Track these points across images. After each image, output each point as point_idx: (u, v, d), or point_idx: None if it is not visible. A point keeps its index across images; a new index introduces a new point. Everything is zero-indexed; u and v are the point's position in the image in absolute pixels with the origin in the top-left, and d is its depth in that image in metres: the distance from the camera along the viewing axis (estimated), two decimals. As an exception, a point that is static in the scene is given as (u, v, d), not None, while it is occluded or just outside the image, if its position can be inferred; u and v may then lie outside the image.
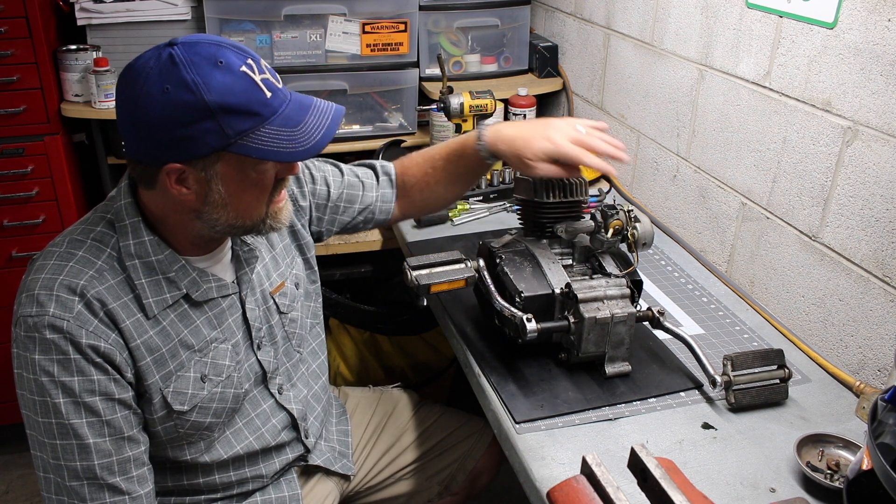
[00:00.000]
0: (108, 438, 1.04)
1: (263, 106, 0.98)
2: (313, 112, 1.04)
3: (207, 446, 1.20)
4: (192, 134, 0.95)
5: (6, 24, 1.90)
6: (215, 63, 0.95)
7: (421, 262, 1.27)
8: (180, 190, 1.01)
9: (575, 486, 0.82)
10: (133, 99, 0.96)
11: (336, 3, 2.19)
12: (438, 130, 2.14)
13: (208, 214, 1.05)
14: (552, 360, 1.31)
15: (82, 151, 2.22)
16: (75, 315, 1.01)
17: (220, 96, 0.94)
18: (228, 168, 1.01)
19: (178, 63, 0.94)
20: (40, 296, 1.01)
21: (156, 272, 1.08)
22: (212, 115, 0.95)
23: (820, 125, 1.34)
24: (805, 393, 1.27)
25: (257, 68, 0.99)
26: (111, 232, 1.08)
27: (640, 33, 1.89)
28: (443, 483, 1.60)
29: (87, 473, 1.03)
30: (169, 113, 0.94)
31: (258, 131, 0.98)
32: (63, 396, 1.01)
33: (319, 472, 1.43)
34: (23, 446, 2.68)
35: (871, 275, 1.26)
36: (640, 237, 1.29)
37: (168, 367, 1.10)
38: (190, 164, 0.99)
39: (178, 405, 1.11)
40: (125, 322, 1.05)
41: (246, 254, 1.21)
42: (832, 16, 1.28)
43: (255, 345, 1.23)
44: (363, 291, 2.32)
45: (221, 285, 1.16)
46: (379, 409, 1.62)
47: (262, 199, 1.07)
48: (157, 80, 0.94)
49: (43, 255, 1.07)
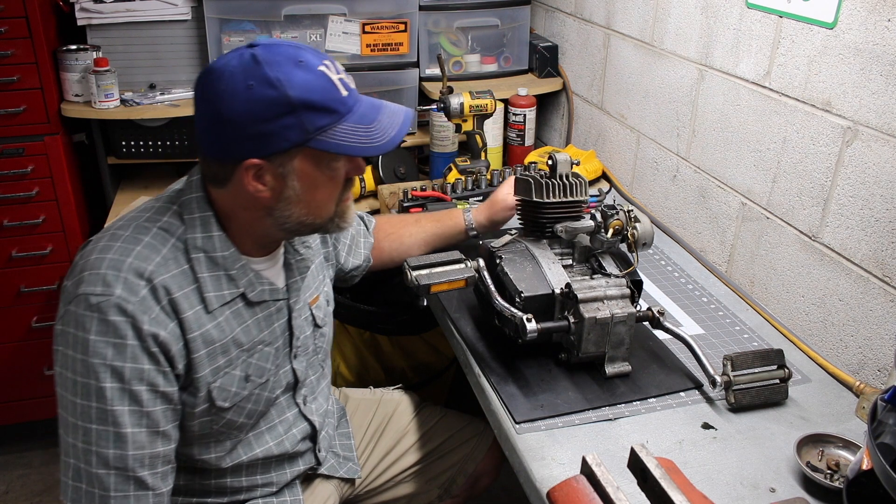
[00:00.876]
0: (144, 430, 1.03)
1: (340, 104, 1.02)
2: (385, 111, 1.08)
3: (232, 446, 1.21)
4: (274, 129, 0.99)
5: (6, 24, 1.90)
6: (296, 62, 1.00)
7: (421, 262, 1.27)
8: (256, 186, 1.03)
9: (575, 486, 0.82)
10: (216, 95, 1.00)
11: (336, 3, 2.19)
12: (438, 130, 2.14)
13: (280, 211, 1.07)
14: (552, 360, 1.31)
15: (82, 151, 2.22)
16: (140, 299, 1.01)
17: (302, 93, 0.98)
18: (305, 164, 1.04)
19: (261, 62, 0.98)
20: (108, 276, 1.00)
21: (219, 268, 1.09)
22: (293, 111, 0.98)
23: (820, 125, 1.34)
24: (805, 393, 1.27)
25: (334, 68, 1.04)
26: (178, 223, 1.09)
27: (640, 33, 1.89)
28: (443, 486, 1.59)
29: (118, 463, 1.02)
30: (252, 108, 0.98)
31: (335, 128, 1.02)
32: (111, 381, 1.00)
33: (319, 476, 1.43)
34: (23, 446, 2.69)
35: (871, 275, 1.26)
36: (640, 237, 1.29)
37: (218, 363, 1.11)
38: (268, 159, 1.01)
39: (221, 401, 1.12)
40: (186, 313, 1.05)
41: (298, 262, 1.23)
42: (832, 16, 1.28)
43: (293, 353, 1.24)
44: (363, 291, 2.32)
45: (274, 289, 1.18)
46: (379, 412, 1.62)
47: (334, 197, 1.11)
48: (241, 78, 0.98)
49: (106, 237, 1.06)
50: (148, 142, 2.12)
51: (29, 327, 2.19)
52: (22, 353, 2.22)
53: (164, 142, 2.13)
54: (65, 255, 2.14)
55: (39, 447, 2.41)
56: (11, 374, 2.23)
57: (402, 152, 2.18)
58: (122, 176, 2.33)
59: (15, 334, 2.20)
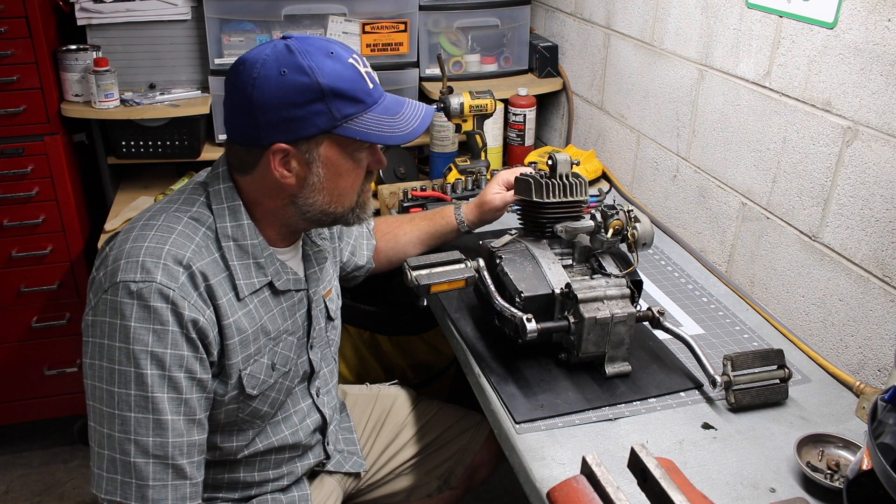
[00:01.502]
0: (182, 417, 1.04)
1: (367, 94, 1.08)
2: (408, 106, 1.14)
3: (254, 435, 1.22)
4: (304, 114, 1.03)
5: (6, 24, 1.90)
6: (328, 53, 1.05)
7: (421, 262, 1.28)
8: (282, 172, 1.07)
9: (575, 486, 0.82)
10: (249, 82, 1.03)
11: (336, 3, 2.19)
12: (438, 130, 2.14)
13: (304, 199, 1.11)
14: (552, 360, 1.31)
15: (82, 151, 2.22)
16: (180, 286, 1.02)
17: (332, 81, 1.03)
18: (330, 151, 1.08)
19: (295, 51, 1.04)
20: (146, 262, 1.02)
21: (248, 256, 1.12)
22: (323, 98, 1.03)
23: (820, 125, 1.34)
24: (805, 393, 1.27)
25: (361, 62, 1.09)
26: (208, 213, 1.11)
27: (640, 33, 1.89)
28: (442, 477, 1.61)
29: (158, 451, 1.02)
30: (284, 93, 1.02)
31: (361, 116, 1.07)
32: (152, 367, 1.01)
33: (324, 472, 1.44)
34: (23, 446, 2.69)
35: (871, 275, 1.26)
36: (640, 237, 1.29)
37: (249, 350, 1.13)
38: (295, 145, 1.06)
39: (251, 388, 1.14)
40: (221, 299, 1.08)
41: (316, 254, 1.27)
42: (832, 16, 1.28)
43: (310, 343, 1.27)
44: (363, 291, 2.32)
45: (297, 279, 1.21)
46: (377, 407, 1.63)
47: (356, 188, 1.15)
48: (275, 65, 1.03)
49: (139, 227, 1.08)
50: (148, 142, 2.12)
51: (29, 327, 2.19)
52: (22, 353, 2.22)
53: (164, 142, 2.13)
54: (65, 255, 2.14)
55: (39, 447, 2.41)
56: (11, 374, 2.23)
57: (402, 152, 2.18)
58: (122, 176, 2.33)
59: (15, 334, 2.20)
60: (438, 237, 1.59)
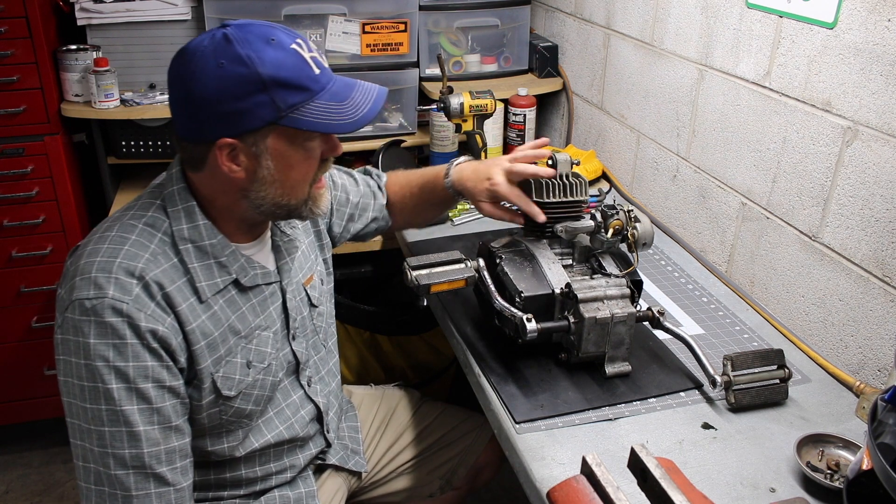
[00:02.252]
0: (156, 427, 1.04)
1: (313, 81, 1.02)
2: (358, 89, 1.08)
3: (244, 436, 1.21)
4: (246, 107, 0.99)
5: (6, 24, 1.90)
6: (267, 40, 1.00)
7: (421, 262, 1.28)
8: (231, 167, 1.04)
9: (575, 486, 0.82)
10: (188, 75, 0.99)
11: (336, 3, 2.19)
12: (438, 130, 2.14)
13: (256, 192, 1.07)
14: (552, 360, 1.31)
15: (82, 151, 2.22)
16: (134, 298, 1.01)
17: (273, 70, 0.98)
18: (278, 143, 1.04)
19: (233, 40, 0.99)
20: (98, 278, 1.01)
21: (208, 256, 1.10)
22: (265, 88, 0.98)
23: (820, 125, 1.34)
24: (805, 393, 1.27)
25: (306, 47, 1.04)
26: (163, 217, 1.09)
27: (640, 33, 1.89)
28: (444, 477, 1.61)
29: (135, 462, 1.02)
30: (223, 86, 0.98)
31: (308, 105, 1.02)
32: (116, 381, 1.00)
33: (330, 468, 1.44)
34: (23, 446, 2.69)
35: (871, 275, 1.26)
36: (640, 237, 1.29)
37: (219, 352, 1.11)
38: (241, 138, 1.02)
39: (227, 390, 1.13)
40: (181, 306, 1.06)
41: (286, 244, 1.24)
42: (832, 16, 1.28)
43: (291, 335, 1.25)
44: (363, 291, 2.32)
45: (266, 272, 1.18)
46: (382, 407, 1.64)
47: (308, 178, 1.11)
48: (212, 56, 0.98)
49: (93, 241, 1.07)
50: (148, 142, 2.12)
51: (29, 327, 2.19)
52: (22, 353, 2.22)
53: (164, 142, 2.13)
54: (65, 255, 2.12)
55: (39, 447, 2.41)
56: (11, 374, 2.23)
57: (402, 152, 2.18)
58: (122, 176, 2.33)
59: (15, 334, 2.20)
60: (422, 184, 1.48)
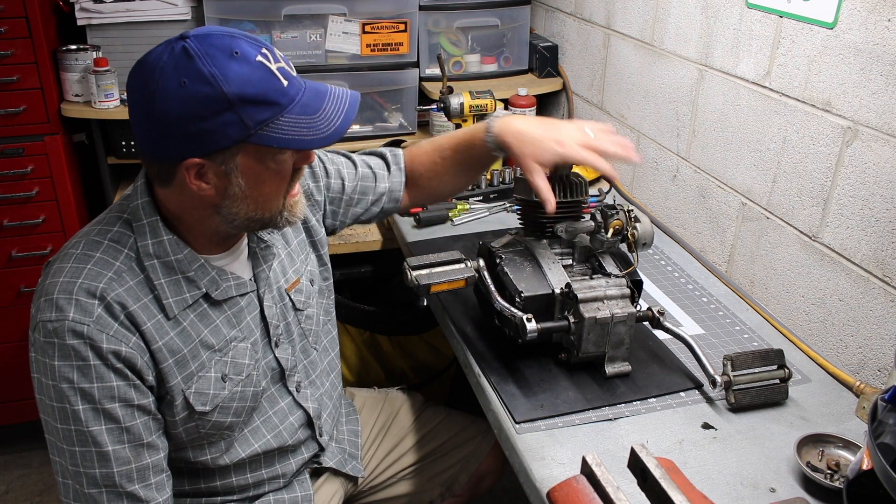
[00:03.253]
0: (126, 445, 1.03)
1: (281, 95, 0.97)
2: (330, 98, 1.03)
3: (227, 446, 1.19)
4: (213, 127, 0.94)
5: (6, 24, 1.90)
6: (231, 54, 0.94)
7: (421, 262, 1.27)
8: (200, 185, 1.00)
9: (575, 486, 0.82)
10: (149, 96, 0.95)
11: (336, 3, 2.19)
12: (438, 130, 2.14)
13: (227, 209, 1.03)
14: (552, 360, 1.31)
15: (82, 151, 2.22)
16: (95, 319, 0.99)
17: (239, 87, 0.93)
18: (248, 160, 1.00)
19: (194, 56, 0.93)
20: (59, 300, 0.99)
21: (175, 272, 1.07)
22: (231, 107, 0.94)
23: (820, 125, 1.34)
24: (805, 393, 1.27)
25: (272, 57, 0.98)
26: (129, 232, 1.06)
27: (640, 33, 1.89)
28: (445, 484, 1.60)
29: (106, 481, 1.02)
30: (188, 107, 0.93)
31: (277, 120, 0.97)
32: (82, 403, 0.99)
33: (327, 472, 1.43)
34: (23, 446, 2.68)
35: (871, 275, 1.26)
36: (640, 237, 1.29)
37: (189, 368, 1.09)
38: (209, 157, 0.97)
39: (200, 406, 1.10)
40: (146, 324, 1.03)
41: (263, 251, 1.20)
42: (832, 16, 1.28)
43: (273, 342, 1.22)
44: (363, 291, 2.32)
45: (240, 283, 1.15)
46: (384, 410, 1.62)
47: (281, 191, 1.06)
48: (173, 75, 0.93)
49: (59, 259, 1.05)
50: (148, 142, 2.12)
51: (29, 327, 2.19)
52: (22, 353, 2.20)
53: (164, 142, 2.12)
54: (65, 255, 2.14)
55: (39, 447, 2.40)
56: (11, 374, 2.23)
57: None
58: (122, 176, 2.33)
59: (15, 334, 2.20)
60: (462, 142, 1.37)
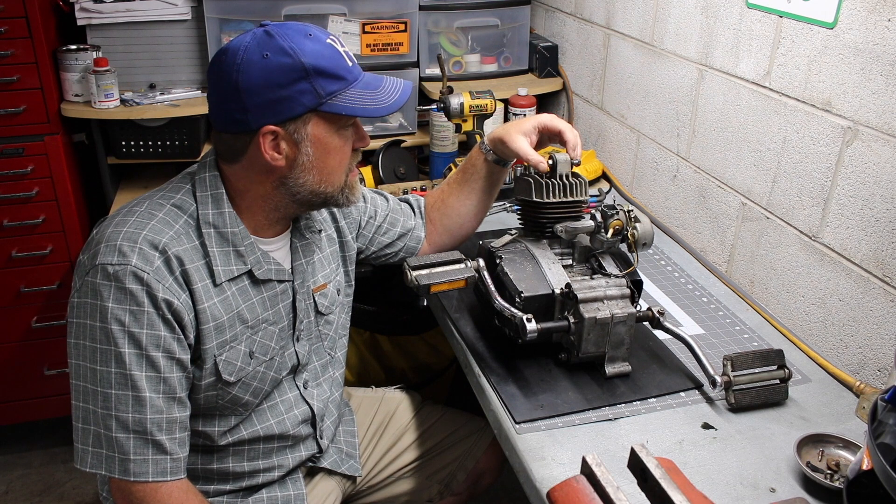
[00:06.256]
0: (161, 395, 1.08)
1: (348, 72, 1.11)
2: (387, 81, 1.18)
3: (235, 422, 1.23)
4: (290, 94, 1.06)
5: (6, 24, 1.90)
6: (306, 35, 1.09)
7: (421, 262, 1.28)
8: (273, 154, 1.10)
9: (575, 486, 0.82)
10: (234, 68, 1.06)
11: (336, 3, 2.19)
12: (438, 130, 2.14)
13: (295, 179, 1.13)
14: (552, 360, 1.31)
15: (82, 151, 2.22)
16: (155, 269, 1.06)
17: (314, 59, 1.07)
18: (318, 129, 1.11)
19: (275, 35, 1.08)
20: (123, 246, 1.06)
21: (228, 243, 1.15)
22: (307, 76, 1.06)
23: (820, 125, 1.34)
24: (805, 393, 1.27)
25: (339, 42, 1.13)
26: (190, 200, 1.15)
27: (640, 33, 1.89)
28: (443, 482, 1.60)
29: (137, 426, 1.06)
30: (269, 75, 1.06)
31: (345, 92, 1.10)
32: (129, 346, 1.05)
33: (322, 471, 1.43)
34: (23, 446, 2.69)
35: (871, 275, 1.26)
36: (640, 237, 1.29)
37: (224, 336, 1.15)
38: (284, 125, 1.08)
39: (227, 375, 1.16)
40: (196, 284, 1.11)
41: (304, 247, 1.28)
42: (832, 16, 1.28)
43: (296, 336, 1.28)
44: (363, 291, 2.32)
45: (280, 269, 1.22)
46: (381, 410, 1.63)
47: (343, 165, 1.17)
48: (257, 50, 1.06)
49: (122, 213, 1.12)
50: (148, 142, 2.12)
51: (29, 327, 2.19)
52: (22, 353, 2.22)
53: (164, 142, 2.12)
54: (65, 255, 2.14)
55: (39, 447, 2.41)
56: (11, 374, 2.23)
57: (402, 152, 2.18)
58: (122, 176, 2.32)
59: (15, 334, 2.20)
60: (469, 173, 1.49)
